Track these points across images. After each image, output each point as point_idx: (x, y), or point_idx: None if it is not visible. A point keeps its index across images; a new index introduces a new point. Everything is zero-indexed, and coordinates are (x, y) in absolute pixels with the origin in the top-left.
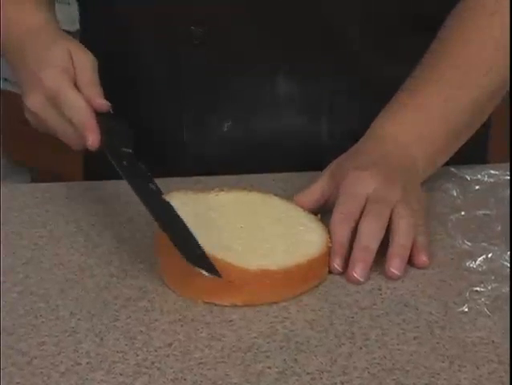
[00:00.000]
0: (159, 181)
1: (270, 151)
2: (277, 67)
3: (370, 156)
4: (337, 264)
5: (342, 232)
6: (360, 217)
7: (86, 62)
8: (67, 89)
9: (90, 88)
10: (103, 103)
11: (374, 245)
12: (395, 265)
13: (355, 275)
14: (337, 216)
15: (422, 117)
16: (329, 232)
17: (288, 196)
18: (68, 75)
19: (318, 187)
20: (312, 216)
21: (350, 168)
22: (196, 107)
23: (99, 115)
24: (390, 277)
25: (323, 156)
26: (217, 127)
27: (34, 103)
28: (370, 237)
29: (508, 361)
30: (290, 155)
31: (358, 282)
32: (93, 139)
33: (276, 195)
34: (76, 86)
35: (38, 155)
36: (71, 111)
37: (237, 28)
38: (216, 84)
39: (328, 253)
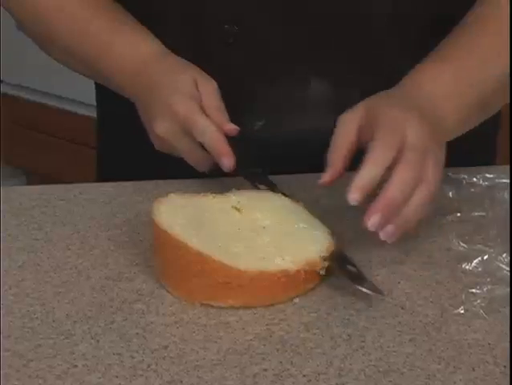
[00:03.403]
0: (157, 183)
1: (300, 150)
2: (308, 68)
3: (403, 101)
4: (355, 197)
5: (372, 173)
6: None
7: (211, 89)
8: (199, 115)
9: (218, 114)
10: (233, 128)
11: (400, 198)
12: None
13: (369, 223)
14: (371, 160)
15: (459, 75)
16: (329, 234)
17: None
18: (196, 102)
19: (354, 124)
20: (311, 219)
21: (387, 106)
22: (227, 105)
23: (227, 139)
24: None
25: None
26: (249, 126)
27: (164, 128)
28: (399, 188)
29: (504, 363)
30: (319, 155)
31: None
32: (229, 163)
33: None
34: (203, 112)
35: (37, 159)
36: (203, 137)
37: (269, 27)
38: (247, 83)
39: (325, 257)
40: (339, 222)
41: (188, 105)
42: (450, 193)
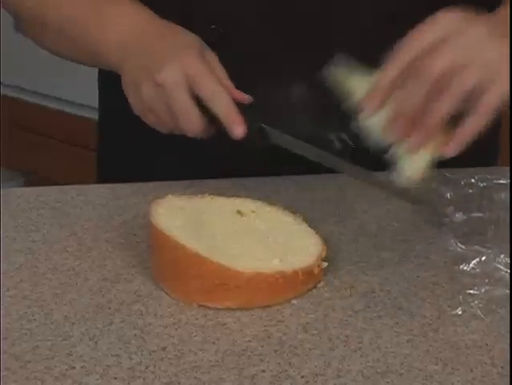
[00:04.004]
0: (155, 185)
1: (283, 154)
2: (292, 69)
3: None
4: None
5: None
6: None
7: (214, 57)
8: (210, 78)
9: (227, 81)
10: (245, 96)
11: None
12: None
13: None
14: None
15: None
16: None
17: (280, 200)
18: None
19: None
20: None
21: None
22: None
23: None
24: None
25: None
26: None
27: (170, 75)
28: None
29: (501, 364)
30: (302, 159)
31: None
32: (239, 131)
33: (271, 199)
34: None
35: (36, 161)
36: (214, 102)
37: (253, 28)
38: (234, 84)
39: (321, 258)
40: (338, 223)
41: (200, 65)
42: (448, 194)
